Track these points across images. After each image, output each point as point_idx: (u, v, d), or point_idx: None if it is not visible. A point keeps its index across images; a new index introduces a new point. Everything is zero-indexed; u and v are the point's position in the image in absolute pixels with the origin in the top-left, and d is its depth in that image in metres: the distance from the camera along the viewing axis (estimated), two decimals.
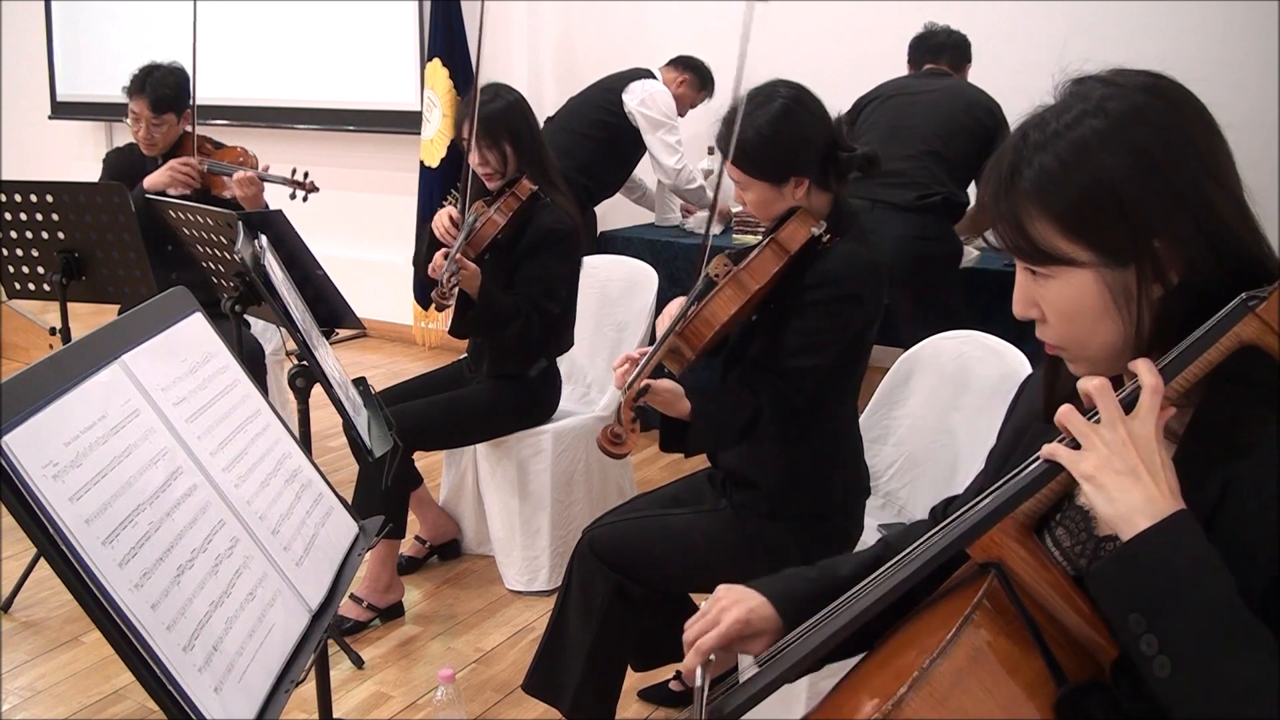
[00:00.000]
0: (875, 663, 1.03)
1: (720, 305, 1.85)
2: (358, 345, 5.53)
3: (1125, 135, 0.92)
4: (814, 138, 1.92)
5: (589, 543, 2.03)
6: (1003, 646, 0.93)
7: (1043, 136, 0.96)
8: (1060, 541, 1.05)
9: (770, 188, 1.92)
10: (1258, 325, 0.90)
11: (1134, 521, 0.88)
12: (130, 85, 3.29)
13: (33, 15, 6.69)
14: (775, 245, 1.89)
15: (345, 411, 1.81)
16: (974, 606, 0.94)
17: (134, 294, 2.77)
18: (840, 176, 1.97)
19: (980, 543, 0.98)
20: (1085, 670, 0.93)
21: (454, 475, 3.19)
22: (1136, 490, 0.88)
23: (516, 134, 2.73)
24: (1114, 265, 0.94)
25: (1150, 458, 0.89)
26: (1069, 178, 0.93)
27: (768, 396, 1.90)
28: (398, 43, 5.32)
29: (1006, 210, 0.97)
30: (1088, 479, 0.91)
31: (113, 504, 0.99)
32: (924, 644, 0.94)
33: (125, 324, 1.18)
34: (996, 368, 2.16)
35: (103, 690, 2.49)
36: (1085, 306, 0.96)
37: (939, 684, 0.90)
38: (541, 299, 2.72)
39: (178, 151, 3.36)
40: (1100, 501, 0.90)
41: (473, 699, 2.47)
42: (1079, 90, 0.97)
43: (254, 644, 1.09)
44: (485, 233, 2.68)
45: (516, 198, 2.70)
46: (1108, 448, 0.90)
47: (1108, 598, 0.89)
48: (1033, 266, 0.98)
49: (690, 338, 1.85)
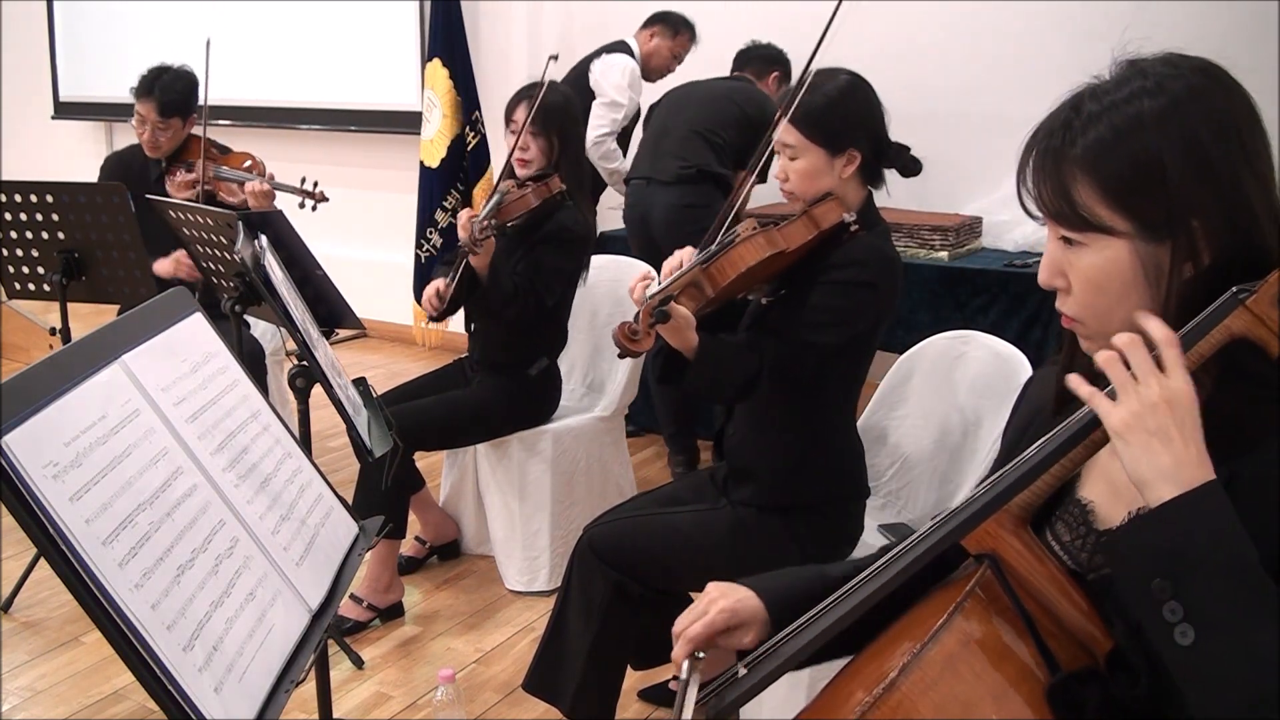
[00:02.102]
0: (869, 654, 1.03)
1: (748, 250, 1.89)
2: (358, 345, 5.53)
3: (1180, 115, 0.94)
4: (873, 117, 1.99)
5: (589, 542, 2.03)
6: (994, 634, 0.93)
7: (1099, 107, 0.97)
8: (1060, 536, 1.05)
9: (824, 156, 1.96)
10: (1248, 318, 0.90)
11: (1158, 486, 0.86)
12: (138, 87, 3.26)
13: (35, 15, 6.69)
14: (808, 218, 1.94)
15: (345, 411, 1.81)
16: (966, 595, 0.94)
17: (134, 294, 2.77)
18: (885, 167, 2.02)
19: (975, 535, 0.98)
20: (1078, 661, 0.93)
21: (454, 476, 3.19)
22: (1165, 453, 0.86)
23: (566, 133, 2.83)
24: (1150, 239, 0.95)
25: (1182, 417, 0.87)
26: (1121, 148, 0.94)
27: (770, 362, 1.93)
28: (398, 43, 5.32)
29: (1052, 173, 0.98)
30: (1118, 435, 0.89)
31: (113, 504, 0.99)
32: (916, 633, 0.95)
33: (125, 324, 1.18)
34: (996, 368, 2.16)
35: (103, 690, 2.49)
36: (1115, 277, 0.97)
37: (929, 669, 0.90)
38: (541, 288, 2.76)
39: (182, 155, 3.35)
40: (1129, 459, 0.88)
41: (473, 699, 2.47)
42: (1137, 68, 0.99)
43: (254, 644, 1.09)
44: (514, 208, 2.74)
45: (549, 188, 2.77)
46: (1141, 403, 0.88)
47: (1130, 562, 0.87)
48: (1069, 233, 0.99)
49: (714, 274, 1.89)
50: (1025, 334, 3.25)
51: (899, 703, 0.89)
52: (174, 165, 3.35)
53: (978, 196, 3.86)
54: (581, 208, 2.85)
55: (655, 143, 3.76)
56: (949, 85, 3.98)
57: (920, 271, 3.46)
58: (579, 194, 2.86)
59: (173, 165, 3.35)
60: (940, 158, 3.84)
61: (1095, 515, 1.03)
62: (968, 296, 3.43)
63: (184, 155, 3.35)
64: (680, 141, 3.66)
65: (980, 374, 2.20)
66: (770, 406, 2.00)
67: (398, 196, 5.30)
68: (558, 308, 2.91)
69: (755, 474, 2.04)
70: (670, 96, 3.86)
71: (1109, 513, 1.02)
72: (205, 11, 5.68)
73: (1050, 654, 0.91)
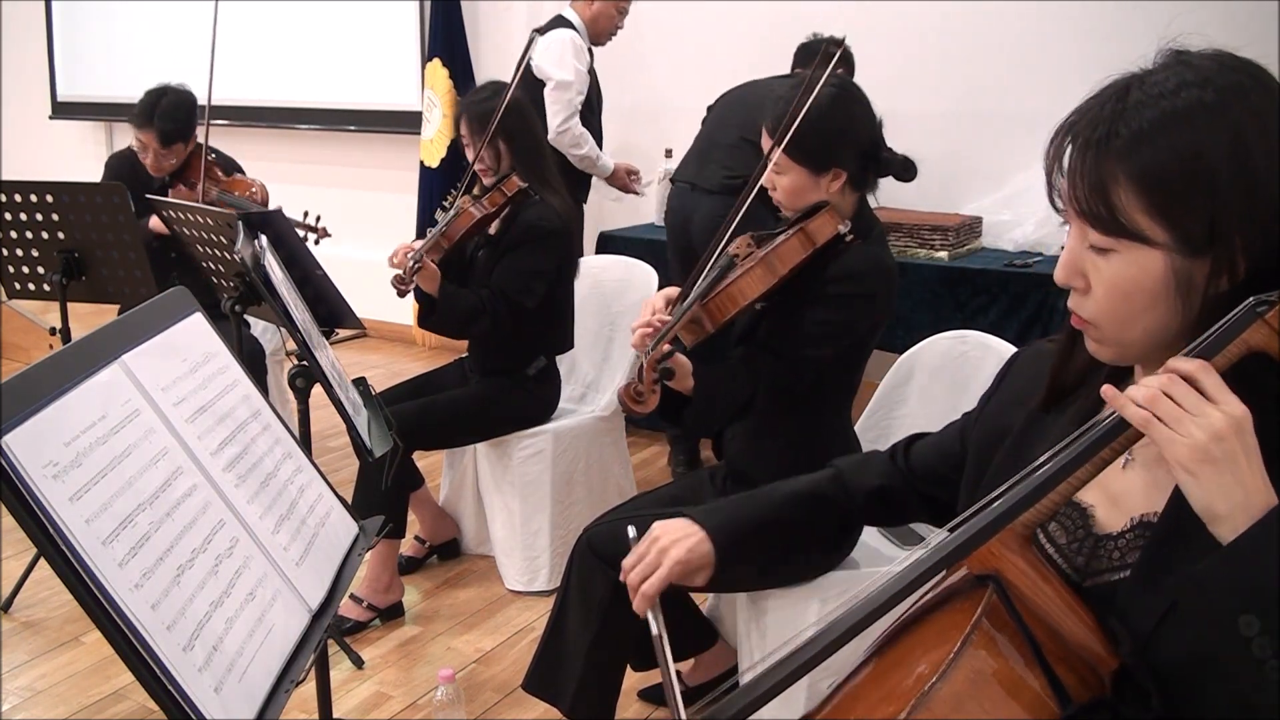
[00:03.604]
0: (872, 677, 1.00)
1: (748, 283, 1.87)
2: (358, 345, 5.53)
3: (1229, 112, 0.90)
4: (859, 131, 1.94)
5: (589, 542, 2.03)
6: (1003, 668, 0.89)
7: (1145, 95, 0.92)
8: (1054, 538, 1.04)
9: (808, 175, 1.93)
10: (1266, 332, 0.87)
11: (1235, 517, 0.83)
12: (138, 115, 3.23)
13: (33, 15, 6.69)
14: (803, 235, 1.90)
15: (345, 411, 1.81)
16: (973, 626, 0.90)
17: (134, 294, 2.77)
18: (877, 176, 1.98)
19: (978, 554, 0.95)
20: (1086, 685, 0.90)
21: (454, 475, 3.19)
22: (1236, 484, 0.83)
23: (511, 132, 2.76)
24: (1188, 254, 0.90)
25: (1248, 441, 0.84)
26: (1168, 141, 0.90)
27: (767, 379, 1.93)
28: (398, 43, 5.32)
29: (1092, 170, 0.92)
30: (1185, 468, 0.84)
31: (113, 504, 0.99)
32: (922, 660, 0.92)
33: (125, 324, 1.18)
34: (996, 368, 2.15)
35: (103, 690, 2.49)
36: (1143, 288, 0.92)
37: (937, 709, 0.87)
38: (515, 293, 2.73)
39: (185, 172, 3.35)
40: (1198, 493, 0.84)
41: (473, 699, 2.47)
42: (1183, 60, 0.95)
43: (254, 644, 1.09)
44: (460, 224, 2.70)
45: (502, 193, 2.74)
46: (1205, 433, 0.84)
47: (1214, 600, 0.83)
48: (1101, 238, 0.93)
49: (713, 310, 1.87)
50: (1025, 334, 3.25)
51: None
52: (177, 180, 3.36)
53: (978, 196, 3.87)
54: (551, 200, 2.80)
55: (706, 148, 3.61)
56: (949, 85, 3.98)
57: (920, 271, 3.47)
58: (545, 188, 2.80)
59: (176, 180, 3.36)
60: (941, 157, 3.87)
61: (1095, 520, 1.01)
62: (968, 296, 3.43)
63: (187, 173, 3.34)
64: (729, 150, 3.50)
65: (980, 374, 2.20)
66: (768, 413, 2.01)
67: (398, 197, 5.30)
68: (553, 307, 2.89)
69: (754, 476, 2.04)
70: (726, 99, 3.68)
71: (1109, 517, 1.01)
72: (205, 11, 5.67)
73: (1060, 685, 0.88)
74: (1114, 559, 0.98)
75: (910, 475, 1.33)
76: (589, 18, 3.98)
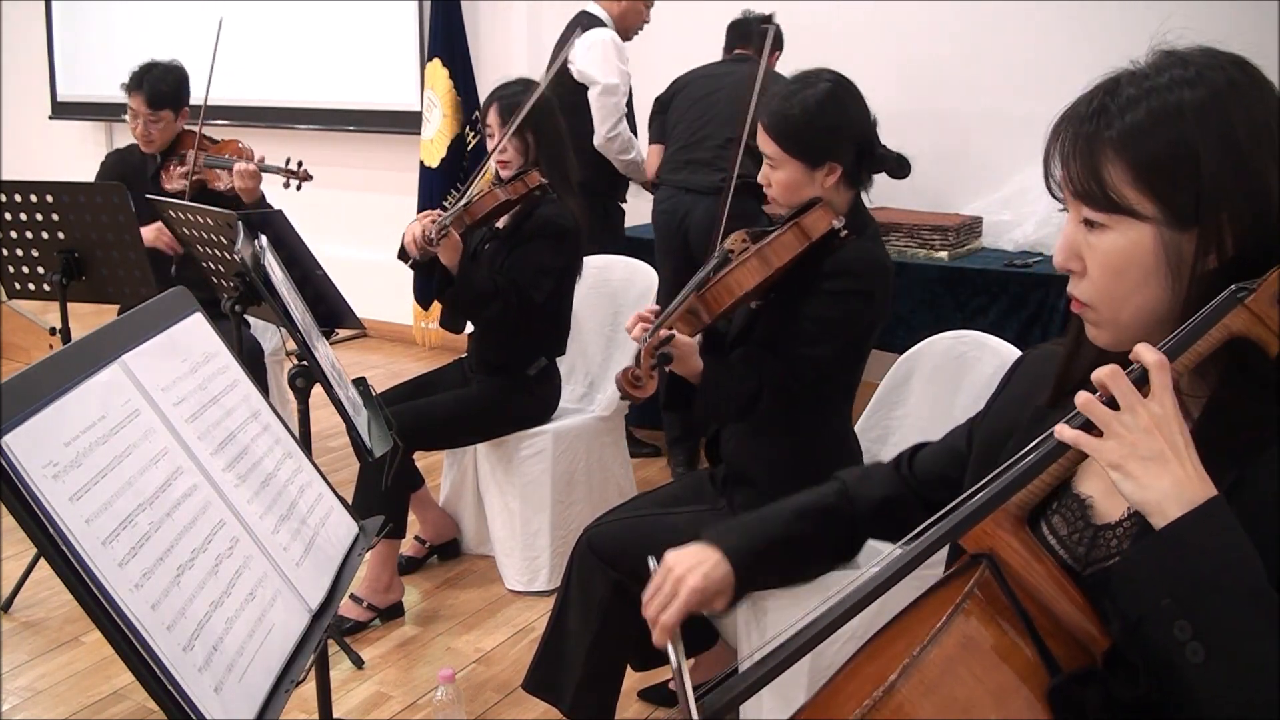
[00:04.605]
0: (867, 654, 1.03)
1: (744, 274, 1.88)
2: (358, 345, 5.53)
3: (1218, 108, 0.93)
4: (855, 126, 1.95)
5: (589, 542, 2.03)
6: (994, 635, 0.93)
7: (1138, 91, 0.95)
8: (1057, 530, 1.05)
9: (803, 170, 1.94)
10: (1247, 317, 0.90)
11: (1165, 508, 0.87)
12: (129, 82, 3.30)
13: (33, 15, 6.69)
14: (798, 229, 1.91)
15: (345, 411, 1.81)
16: (965, 595, 0.94)
17: (134, 294, 2.77)
18: (871, 173, 1.99)
19: (972, 534, 0.98)
20: (1077, 660, 0.93)
21: (454, 475, 3.19)
22: (1165, 476, 0.88)
23: (540, 129, 2.78)
24: (1176, 226, 0.94)
25: (1174, 439, 0.89)
26: (1158, 135, 0.93)
27: (768, 379, 1.93)
28: (398, 43, 5.32)
29: (1084, 152, 0.96)
30: (1114, 467, 0.90)
31: (113, 504, 0.99)
32: (915, 633, 0.95)
33: (125, 324, 1.18)
34: (996, 368, 2.16)
35: (103, 690, 2.49)
36: (1135, 263, 0.96)
37: (929, 671, 0.90)
38: (526, 285, 2.74)
39: (176, 149, 3.37)
40: (1130, 489, 0.90)
41: (473, 699, 2.47)
42: (1175, 57, 0.98)
43: (254, 644, 1.09)
44: (484, 204, 2.72)
45: (524, 184, 2.75)
46: (1131, 434, 0.89)
47: (1139, 584, 0.88)
48: (1093, 214, 0.97)
49: (710, 301, 1.89)
50: (1025, 334, 3.25)
51: (899, 705, 0.89)
52: (168, 160, 3.38)
53: (978, 196, 3.86)
54: (568, 201, 2.81)
55: (688, 146, 3.55)
56: (949, 84, 3.98)
57: (920, 271, 3.46)
58: (564, 189, 2.82)
59: (167, 160, 3.38)
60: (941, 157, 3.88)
61: (1094, 510, 1.03)
62: (968, 296, 3.43)
63: (178, 149, 3.38)
64: (717, 150, 3.45)
65: (980, 374, 2.20)
66: (767, 413, 2.00)
67: (398, 197, 5.30)
68: (555, 307, 2.89)
69: (753, 476, 2.04)
70: (689, 91, 3.58)
71: (1107, 508, 1.03)
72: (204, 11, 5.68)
73: (1050, 654, 0.91)
74: (1112, 547, 1.01)
75: (915, 482, 1.34)
76: (618, 14, 3.85)
